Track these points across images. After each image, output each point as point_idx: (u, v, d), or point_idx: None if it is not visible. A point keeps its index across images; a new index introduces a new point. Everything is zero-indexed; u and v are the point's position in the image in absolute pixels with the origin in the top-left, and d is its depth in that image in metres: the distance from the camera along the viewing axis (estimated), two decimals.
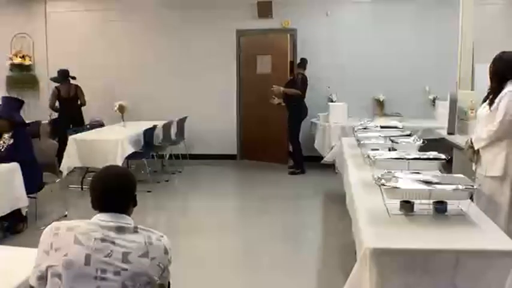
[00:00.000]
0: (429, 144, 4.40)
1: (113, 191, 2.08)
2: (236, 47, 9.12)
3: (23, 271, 2.18)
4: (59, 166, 6.29)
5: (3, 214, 4.85)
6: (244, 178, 8.46)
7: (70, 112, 8.24)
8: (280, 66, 8.97)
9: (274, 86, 8.07)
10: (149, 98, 9.11)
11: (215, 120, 9.11)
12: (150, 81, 9.24)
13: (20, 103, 5.67)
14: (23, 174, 5.08)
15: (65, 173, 6.72)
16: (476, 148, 3.78)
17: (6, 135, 5.23)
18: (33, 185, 5.28)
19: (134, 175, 2.23)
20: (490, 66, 3.78)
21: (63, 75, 8.28)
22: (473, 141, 3.81)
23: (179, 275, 2.68)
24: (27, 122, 5.81)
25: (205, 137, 9.09)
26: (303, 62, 8.23)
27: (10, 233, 5.17)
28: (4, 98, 6.13)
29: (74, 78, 8.41)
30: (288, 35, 8.87)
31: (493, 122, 3.63)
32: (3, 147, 5.20)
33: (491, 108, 3.67)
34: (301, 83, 8.05)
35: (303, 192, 7.52)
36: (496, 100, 3.65)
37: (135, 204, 2.15)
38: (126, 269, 1.92)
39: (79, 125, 8.05)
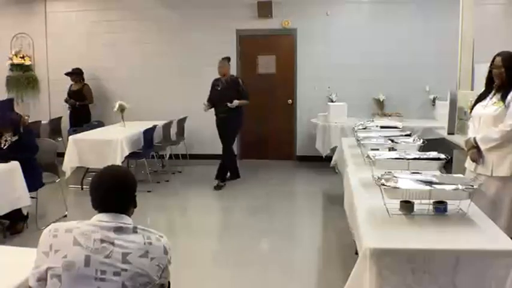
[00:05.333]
0: (429, 144, 4.40)
1: (112, 191, 2.08)
2: (236, 47, 9.11)
3: (23, 271, 2.17)
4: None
5: (2, 214, 4.85)
6: (244, 178, 8.44)
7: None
8: (283, 66, 9.02)
9: (230, 104, 7.06)
10: (149, 98, 9.11)
11: (215, 120, 9.09)
12: (150, 81, 9.24)
13: (11, 101, 5.69)
14: (24, 173, 5.09)
15: (68, 173, 6.74)
16: (483, 148, 3.75)
17: (8, 134, 5.24)
18: (34, 183, 5.30)
19: (134, 175, 2.23)
20: (501, 66, 3.70)
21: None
22: (478, 140, 3.77)
23: (179, 275, 2.68)
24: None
25: (205, 137, 9.08)
26: (229, 60, 7.42)
27: (10, 233, 5.17)
28: None
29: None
30: (288, 35, 8.91)
31: (503, 121, 3.60)
32: (4, 145, 5.21)
33: (505, 104, 3.63)
34: (246, 89, 7.31)
35: (303, 192, 7.54)
36: (507, 99, 3.62)
37: (135, 206, 2.16)
38: (126, 270, 1.92)
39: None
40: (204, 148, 9.10)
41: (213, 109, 7.38)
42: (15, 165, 5.02)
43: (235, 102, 7.08)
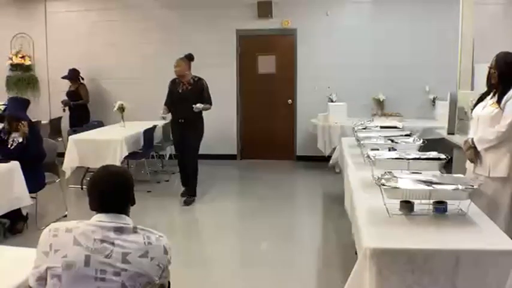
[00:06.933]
0: (429, 144, 4.40)
1: (110, 192, 2.08)
2: (236, 47, 9.12)
3: (23, 271, 2.17)
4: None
5: (1, 214, 4.85)
6: (244, 178, 8.46)
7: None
8: (283, 66, 9.05)
9: (196, 105, 6.25)
10: (149, 98, 9.08)
11: (215, 120, 9.06)
12: (150, 81, 9.23)
13: (26, 103, 5.73)
14: (29, 173, 5.10)
15: (68, 173, 6.73)
16: (480, 149, 3.75)
17: (16, 133, 5.25)
18: (36, 185, 5.32)
19: (131, 173, 2.24)
20: (494, 66, 3.74)
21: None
22: (475, 141, 3.78)
23: (179, 275, 2.68)
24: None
25: (205, 137, 9.03)
26: (191, 58, 6.64)
27: (11, 233, 5.18)
28: (12, 98, 6.23)
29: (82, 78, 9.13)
30: (288, 35, 8.92)
31: (500, 122, 3.61)
32: (11, 145, 5.22)
33: (501, 106, 3.64)
34: (209, 93, 6.56)
35: (303, 192, 7.53)
36: (503, 100, 3.63)
37: (133, 203, 2.15)
38: (126, 270, 1.92)
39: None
40: (204, 148, 9.04)
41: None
42: (14, 165, 5.01)
43: (200, 105, 6.28)
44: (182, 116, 6.45)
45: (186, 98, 6.35)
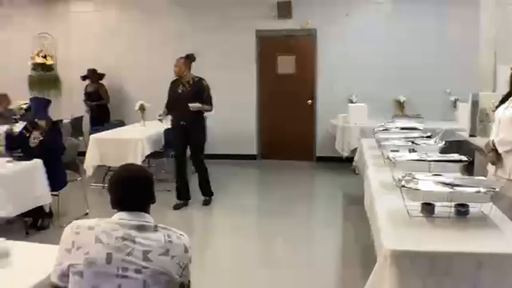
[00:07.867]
0: (450, 146, 4.36)
1: (131, 190, 2.10)
2: (256, 48, 9.13)
3: (45, 267, 2.21)
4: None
5: (25, 211, 4.93)
6: (264, 178, 8.46)
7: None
8: (303, 66, 9.06)
9: (192, 104, 6.07)
10: None
11: (235, 120, 9.12)
12: (170, 81, 9.28)
13: (47, 102, 5.87)
14: (51, 172, 5.19)
15: (89, 172, 6.81)
16: (501, 151, 3.71)
17: (36, 132, 5.34)
18: (56, 183, 5.39)
19: (151, 172, 2.26)
20: None
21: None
22: (496, 143, 3.74)
23: (197, 274, 2.69)
24: None
25: (225, 137, 9.11)
26: (192, 59, 6.48)
27: (37, 229, 5.29)
28: (34, 98, 6.37)
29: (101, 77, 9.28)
30: (308, 35, 8.91)
31: None
32: (33, 143, 5.31)
33: None
34: (210, 94, 6.35)
35: (322, 193, 7.51)
36: None
37: (153, 202, 2.17)
38: (147, 267, 1.94)
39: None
40: (224, 148, 9.13)
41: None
42: (38, 163, 5.10)
43: (197, 104, 6.09)
44: (183, 117, 6.18)
45: (186, 98, 6.12)
